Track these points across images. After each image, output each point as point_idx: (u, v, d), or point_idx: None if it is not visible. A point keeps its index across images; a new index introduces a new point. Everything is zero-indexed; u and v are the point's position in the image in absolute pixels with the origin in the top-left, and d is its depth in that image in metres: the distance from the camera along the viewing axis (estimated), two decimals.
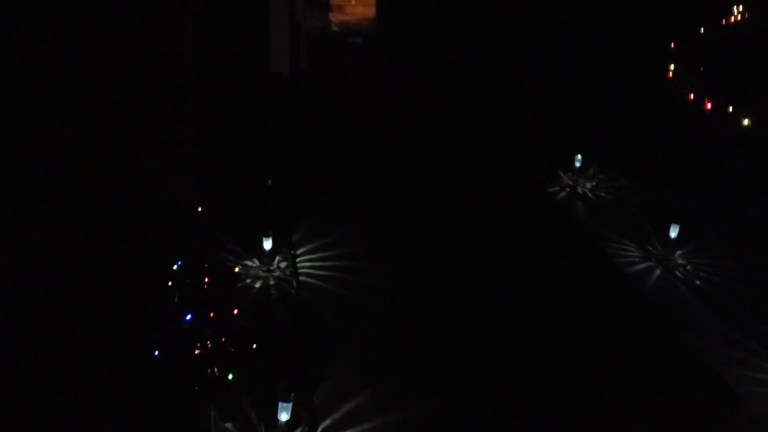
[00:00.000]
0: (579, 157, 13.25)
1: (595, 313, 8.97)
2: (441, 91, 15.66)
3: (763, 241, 10.26)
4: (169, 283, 6.95)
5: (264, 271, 9.51)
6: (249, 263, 9.60)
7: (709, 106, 11.88)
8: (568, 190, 13.05)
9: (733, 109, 11.51)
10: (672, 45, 12.96)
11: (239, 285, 8.92)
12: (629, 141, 13.77)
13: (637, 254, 10.61)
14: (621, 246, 10.85)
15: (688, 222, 10.75)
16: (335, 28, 21.19)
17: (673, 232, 10.40)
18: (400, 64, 17.42)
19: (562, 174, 13.38)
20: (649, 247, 10.72)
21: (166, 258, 7.38)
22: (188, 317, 6.41)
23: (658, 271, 10.16)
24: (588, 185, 13.17)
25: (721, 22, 13.49)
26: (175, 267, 7.08)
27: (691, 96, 12.29)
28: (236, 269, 8.52)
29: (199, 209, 9.08)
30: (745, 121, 11.39)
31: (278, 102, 12.95)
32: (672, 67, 12.87)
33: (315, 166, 12.46)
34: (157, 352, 6.43)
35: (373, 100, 16.33)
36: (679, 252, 10.49)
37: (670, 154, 12.99)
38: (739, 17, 13.91)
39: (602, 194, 12.91)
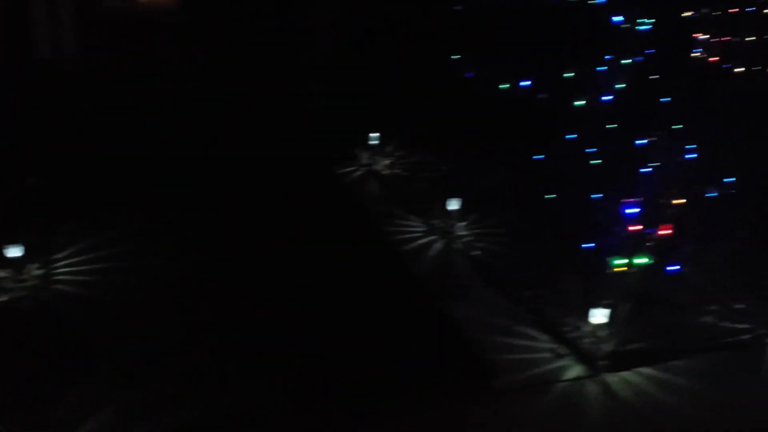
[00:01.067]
0: (376, 135, 13.23)
1: (371, 291, 8.81)
2: (243, 72, 15.01)
3: (535, 208, 10.58)
4: None
5: (14, 282, 8.60)
6: None
7: (487, 82, 12.14)
8: (364, 168, 13.01)
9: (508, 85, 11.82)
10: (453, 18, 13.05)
11: None
12: (425, 117, 13.90)
13: (421, 229, 10.67)
14: (407, 222, 10.86)
15: (474, 194, 11.04)
16: (142, 8, 19.80)
17: (453, 206, 10.53)
18: (208, 44, 16.53)
19: (360, 153, 13.32)
20: (435, 222, 10.82)
21: None
22: None
23: (439, 244, 10.26)
24: (385, 163, 13.18)
25: None
26: None
27: (469, 74, 12.52)
28: None
29: None
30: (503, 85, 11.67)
31: (42, 90, 11.77)
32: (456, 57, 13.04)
33: (85, 159, 11.38)
34: None
35: (171, 82, 15.40)
36: (461, 224, 10.66)
37: (459, 128, 13.20)
38: None
39: (398, 171, 12.96)
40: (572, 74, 11.37)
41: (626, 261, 7.99)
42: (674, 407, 7.00)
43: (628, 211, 8.32)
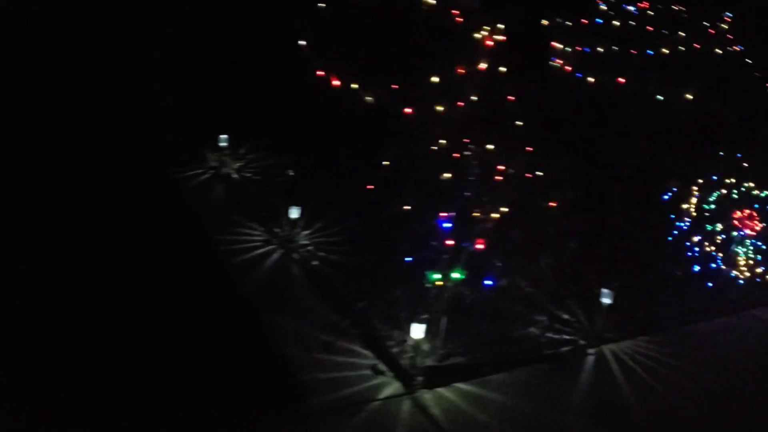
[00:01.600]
0: (225, 136, 12.70)
1: (193, 304, 8.37)
2: (84, 67, 14.07)
3: (376, 216, 10.37)
4: None
5: None
6: None
7: (336, 82, 11.86)
8: (212, 171, 12.47)
9: (357, 85, 11.59)
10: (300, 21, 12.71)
11: None
12: (280, 119, 13.53)
13: (261, 238, 10.26)
14: (247, 230, 10.44)
15: (323, 200, 10.78)
16: None
17: (294, 214, 10.20)
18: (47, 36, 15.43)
19: (208, 155, 12.77)
20: (277, 230, 10.44)
21: None
22: None
23: (277, 254, 9.89)
24: (235, 166, 12.68)
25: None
26: None
27: (320, 72, 12.18)
28: None
29: None
30: (368, 98, 11.53)
31: None
32: (302, 43, 12.68)
33: None
34: None
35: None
36: (304, 233, 10.35)
37: (316, 132, 12.88)
38: None
39: (249, 175, 12.48)
40: (417, 81, 11.24)
41: (442, 275, 7.90)
42: (483, 423, 6.96)
43: (445, 225, 8.24)
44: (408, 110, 11.08)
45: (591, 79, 14.24)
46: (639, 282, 9.39)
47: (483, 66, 12.02)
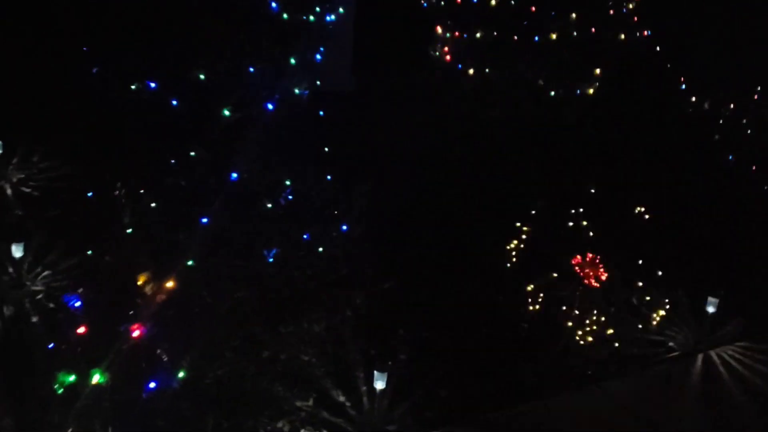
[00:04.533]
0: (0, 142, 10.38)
1: None
2: None
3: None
4: None
5: None
6: None
7: None
8: None
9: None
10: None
11: None
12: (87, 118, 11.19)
13: None
14: None
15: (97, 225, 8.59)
16: None
17: (17, 252, 7.91)
18: None
19: None
20: (11, 269, 8.10)
21: None
22: None
23: None
24: (15, 177, 10.33)
25: None
26: None
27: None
28: None
29: None
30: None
31: None
32: None
33: None
34: None
35: None
36: (45, 273, 8.06)
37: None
38: None
39: (28, 190, 10.13)
40: (205, 75, 8.84)
41: (76, 377, 5.62)
42: None
43: (74, 304, 5.95)
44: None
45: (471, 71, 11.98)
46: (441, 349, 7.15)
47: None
